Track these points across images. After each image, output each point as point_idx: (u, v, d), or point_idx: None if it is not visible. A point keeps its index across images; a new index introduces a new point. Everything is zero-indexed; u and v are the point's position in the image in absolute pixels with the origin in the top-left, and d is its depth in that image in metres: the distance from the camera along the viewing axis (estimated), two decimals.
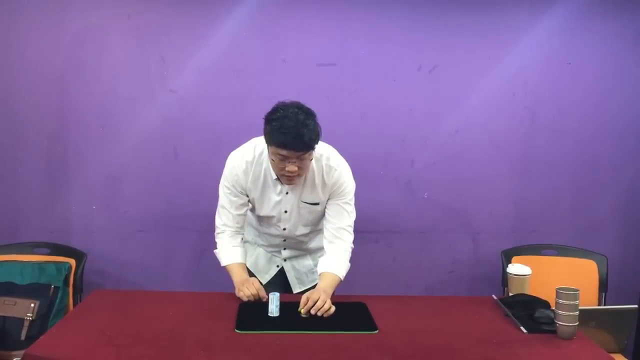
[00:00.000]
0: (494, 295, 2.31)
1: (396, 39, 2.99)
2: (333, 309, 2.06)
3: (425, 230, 3.12)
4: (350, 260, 2.31)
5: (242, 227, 2.35)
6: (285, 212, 2.30)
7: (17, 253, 2.72)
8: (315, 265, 2.43)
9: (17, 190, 2.96)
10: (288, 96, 2.19)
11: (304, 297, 2.08)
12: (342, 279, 2.27)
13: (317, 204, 2.29)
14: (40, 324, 2.55)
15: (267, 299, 2.08)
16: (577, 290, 1.91)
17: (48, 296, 2.60)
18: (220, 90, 2.95)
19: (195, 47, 2.92)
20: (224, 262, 2.32)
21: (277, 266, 2.49)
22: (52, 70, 2.90)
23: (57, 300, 2.61)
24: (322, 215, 2.33)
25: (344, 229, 2.28)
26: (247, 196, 2.30)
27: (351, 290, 2.98)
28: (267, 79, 2.95)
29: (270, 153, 2.10)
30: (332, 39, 2.96)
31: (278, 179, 2.20)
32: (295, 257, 2.48)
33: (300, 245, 2.45)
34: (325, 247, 2.30)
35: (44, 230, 2.94)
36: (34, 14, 2.86)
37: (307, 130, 1.99)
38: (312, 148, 2.06)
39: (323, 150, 2.25)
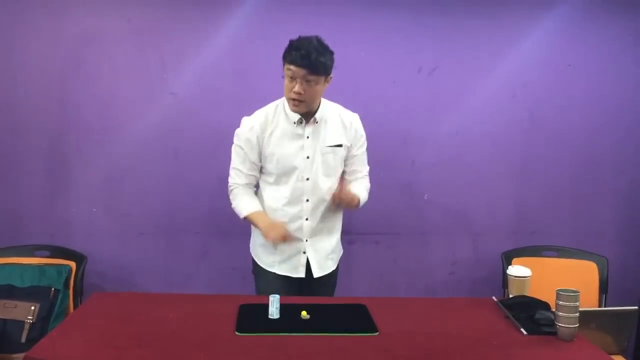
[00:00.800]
0: (494, 297, 2.31)
1: (396, 40, 2.99)
2: (357, 199, 2.34)
3: (426, 231, 3.13)
4: (352, 259, 2.32)
5: (253, 186, 2.43)
6: (308, 157, 2.34)
7: (17, 256, 2.73)
8: (332, 251, 2.49)
9: (18, 192, 2.96)
10: None
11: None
12: (361, 202, 2.43)
13: (340, 145, 2.39)
14: (41, 327, 2.55)
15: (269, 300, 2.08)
16: (578, 291, 1.91)
17: (48, 299, 2.60)
18: (220, 93, 2.96)
19: (195, 49, 2.93)
20: (243, 213, 2.36)
21: (304, 252, 2.42)
22: (53, 73, 2.90)
23: (58, 302, 2.61)
24: (343, 163, 2.44)
25: (365, 175, 2.52)
26: (260, 159, 2.36)
27: (351, 291, 3.00)
28: (267, 81, 2.93)
29: (284, 74, 2.26)
30: (332, 40, 2.94)
31: (300, 121, 2.32)
32: (318, 233, 2.43)
33: (322, 205, 2.40)
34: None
35: (44, 232, 2.94)
36: (34, 17, 2.87)
37: (317, 53, 2.17)
38: (318, 71, 2.19)
39: (333, 104, 2.45)
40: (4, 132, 2.93)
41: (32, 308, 2.56)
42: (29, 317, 2.54)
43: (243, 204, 2.37)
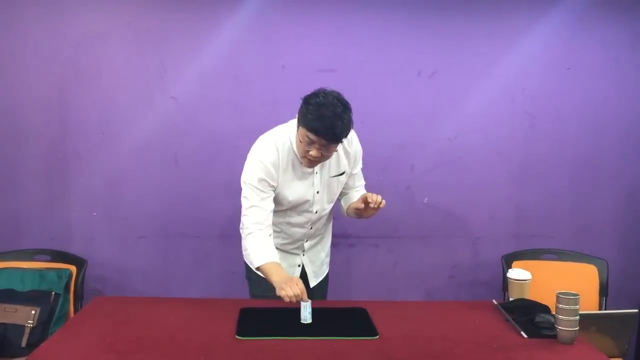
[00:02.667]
0: (494, 300, 2.31)
1: (395, 44, 3.00)
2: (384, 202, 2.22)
3: (426, 235, 3.13)
4: (353, 263, 2.29)
5: (271, 226, 2.24)
6: (318, 192, 2.31)
7: (17, 260, 2.72)
8: (326, 256, 2.55)
9: (18, 197, 2.96)
10: (288, 103, 2.20)
11: (362, 199, 2.23)
12: None
13: (342, 173, 2.35)
14: (41, 331, 2.54)
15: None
16: (578, 294, 1.91)
17: (49, 303, 2.60)
18: (220, 97, 2.96)
19: (195, 53, 2.93)
20: (257, 262, 2.15)
21: (299, 265, 2.47)
22: (52, 77, 2.91)
23: (58, 307, 2.61)
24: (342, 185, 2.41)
25: (362, 188, 2.49)
26: (274, 190, 2.25)
27: (352, 295, 3.00)
28: (267, 85, 2.96)
29: (299, 134, 2.11)
30: (331, 45, 2.98)
31: None
32: (314, 246, 2.48)
33: (321, 226, 2.45)
34: (345, 196, 2.48)
35: (44, 237, 2.95)
36: (34, 21, 2.87)
37: (342, 123, 2.03)
38: (341, 141, 2.10)
39: None
40: (4, 136, 2.93)
41: (33, 312, 2.56)
42: (29, 322, 2.54)
43: (258, 253, 2.16)
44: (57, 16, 2.88)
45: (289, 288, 1.99)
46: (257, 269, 2.18)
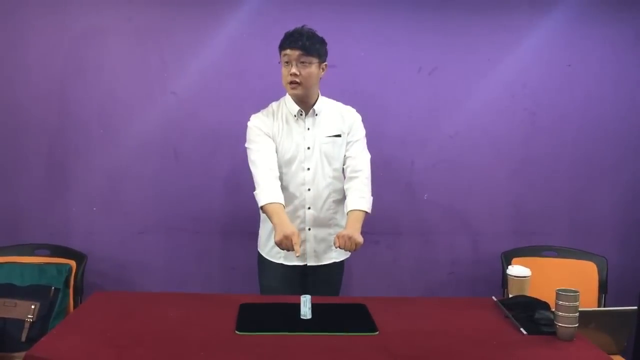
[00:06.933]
0: (493, 297, 2.31)
1: (396, 40, 3.00)
2: (361, 241, 2.24)
3: (426, 231, 3.13)
4: (352, 259, 2.30)
5: (277, 175, 2.36)
6: (308, 148, 2.39)
7: (17, 254, 2.73)
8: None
9: (18, 191, 2.96)
10: None
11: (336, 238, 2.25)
12: (369, 211, 2.38)
13: (339, 135, 2.45)
14: (41, 326, 2.55)
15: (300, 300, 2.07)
16: (577, 291, 1.91)
17: (48, 298, 2.60)
18: (220, 92, 2.96)
19: (195, 49, 2.93)
20: (262, 201, 2.28)
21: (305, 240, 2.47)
22: (53, 72, 2.91)
23: (58, 301, 2.61)
24: (343, 155, 2.46)
25: (363, 163, 2.46)
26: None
27: (351, 291, 3.01)
28: (267, 80, 2.94)
29: (281, 64, 2.36)
30: (331, 40, 2.95)
31: (300, 113, 2.40)
32: (322, 223, 2.47)
33: (324, 195, 2.44)
34: (346, 186, 2.45)
35: (44, 231, 2.94)
36: (34, 16, 2.87)
37: (307, 35, 2.30)
38: (310, 51, 2.29)
39: (333, 101, 2.53)
40: (5, 130, 2.93)
41: (32, 307, 2.56)
42: (29, 316, 2.55)
43: (265, 191, 2.29)
44: (58, 11, 2.88)
45: (282, 244, 2.16)
46: (262, 207, 2.30)
